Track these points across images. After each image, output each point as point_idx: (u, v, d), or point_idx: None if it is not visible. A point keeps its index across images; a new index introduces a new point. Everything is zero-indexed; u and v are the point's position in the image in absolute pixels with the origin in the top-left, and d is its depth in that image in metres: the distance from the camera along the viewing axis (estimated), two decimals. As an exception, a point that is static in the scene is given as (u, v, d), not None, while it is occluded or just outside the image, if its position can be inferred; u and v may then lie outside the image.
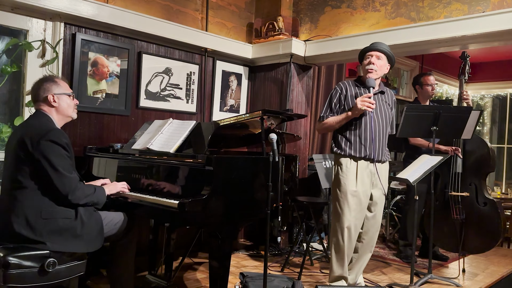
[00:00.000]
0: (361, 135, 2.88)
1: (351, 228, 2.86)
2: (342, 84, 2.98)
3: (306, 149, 4.55)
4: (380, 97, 2.96)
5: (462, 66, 3.89)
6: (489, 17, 3.16)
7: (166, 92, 3.93)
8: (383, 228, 5.18)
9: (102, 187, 2.45)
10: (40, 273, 2.06)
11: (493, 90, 7.71)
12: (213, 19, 4.30)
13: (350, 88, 2.95)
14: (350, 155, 2.88)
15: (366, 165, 2.88)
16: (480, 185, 3.70)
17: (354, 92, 2.93)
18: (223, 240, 2.41)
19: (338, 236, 2.89)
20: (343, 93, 2.94)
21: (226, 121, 2.85)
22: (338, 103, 2.95)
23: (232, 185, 2.47)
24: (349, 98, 2.91)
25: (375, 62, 2.88)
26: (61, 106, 2.35)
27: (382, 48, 2.91)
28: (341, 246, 2.88)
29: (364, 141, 2.87)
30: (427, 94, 4.02)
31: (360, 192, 2.86)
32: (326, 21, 4.26)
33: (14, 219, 2.11)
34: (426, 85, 4.00)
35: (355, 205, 2.86)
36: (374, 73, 2.87)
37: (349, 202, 2.85)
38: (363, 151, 2.86)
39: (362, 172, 2.88)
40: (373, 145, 2.85)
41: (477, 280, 3.57)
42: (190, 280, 3.31)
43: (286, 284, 2.81)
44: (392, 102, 3.04)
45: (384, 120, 2.93)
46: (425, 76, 4.06)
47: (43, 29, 3.19)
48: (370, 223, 2.97)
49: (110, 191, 2.51)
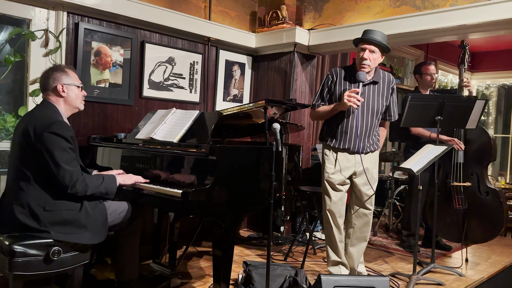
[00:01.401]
0: (347, 128, 2.90)
1: (334, 212, 2.99)
2: (334, 71, 2.97)
3: (310, 139, 4.54)
4: (372, 87, 2.91)
5: (461, 55, 3.85)
6: (496, 5, 3.12)
7: (169, 81, 3.92)
8: (386, 218, 5.19)
9: (113, 175, 2.41)
10: (45, 261, 2.09)
11: (498, 79, 7.65)
12: (216, 8, 4.27)
13: (340, 72, 2.94)
14: (330, 146, 2.97)
15: (347, 156, 2.95)
16: (481, 175, 3.70)
17: (343, 83, 2.91)
18: (227, 229, 2.42)
19: (325, 222, 3.05)
20: (334, 79, 2.95)
21: (229, 111, 2.84)
22: (328, 92, 2.98)
23: (235, 175, 2.48)
24: (337, 87, 2.93)
25: (368, 57, 2.80)
26: (70, 97, 2.34)
27: (377, 41, 2.80)
28: (329, 230, 3.03)
29: (349, 134, 2.90)
30: (426, 84, 4.00)
31: (336, 180, 2.96)
32: (330, 9, 4.22)
33: (19, 209, 2.13)
34: (426, 75, 3.98)
35: (333, 192, 2.97)
36: (367, 68, 2.83)
37: (327, 189, 2.98)
38: (346, 144, 2.92)
39: (343, 162, 2.95)
40: (358, 139, 2.87)
41: (479, 269, 3.58)
42: (194, 268, 3.34)
43: (289, 273, 2.83)
44: (389, 90, 2.96)
45: (371, 113, 2.91)
46: (424, 65, 4.04)
47: (46, 18, 3.18)
48: (360, 210, 3.05)
49: (124, 181, 2.45)
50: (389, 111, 3.03)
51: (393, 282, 3.14)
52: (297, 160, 3.34)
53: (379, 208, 5.12)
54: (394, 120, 3.10)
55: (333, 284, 2.33)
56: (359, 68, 2.85)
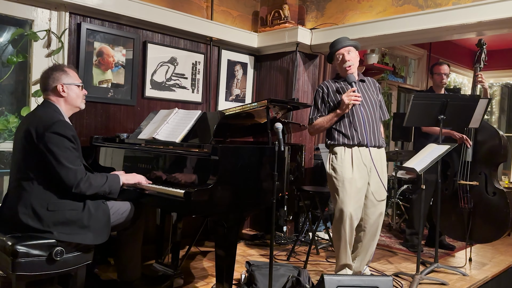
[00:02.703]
0: (354, 124, 2.91)
1: (353, 216, 2.86)
2: (322, 85, 3.07)
3: (312, 138, 4.53)
4: (362, 85, 3.03)
5: (478, 54, 3.79)
6: (499, 4, 3.10)
7: (171, 81, 3.92)
8: (390, 218, 5.18)
9: (117, 174, 2.42)
10: (48, 262, 2.09)
11: (502, 78, 7.61)
12: (218, 8, 4.27)
13: (330, 85, 3.04)
14: (343, 143, 2.92)
15: (361, 152, 2.91)
16: (490, 175, 3.67)
17: (335, 87, 3.00)
18: (229, 229, 2.42)
19: (340, 225, 2.89)
20: (325, 91, 3.02)
21: (231, 111, 2.83)
22: (322, 103, 3.03)
23: (238, 175, 2.47)
24: (332, 94, 3.00)
25: (349, 58, 2.95)
26: (70, 96, 2.34)
27: (348, 44, 2.98)
28: (343, 234, 2.88)
29: (357, 128, 2.90)
30: (436, 83, 4.01)
31: (357, 179, 2.88)
32: (333, 8, 4.21)
33: (22, 210, 2.13)
34: (436, 74, 3.99)
35: (353, 193, 2.86)
36: (353, 67, 2.96)
37: (347, 190, 2.86)
38: (356, 138, 2.90)
39: (358, 159, 2.90)
40: (365, 131, 2.88)
41: (484, 269, 3.57)
42: (196, 268, 3.33)
43: (292, 273, 2.82)
44: (376, 88, 3.11)
45: (371, 106, 2.98)
46: (436, 65, 4.05)
47: (48, 18, 3.18)
48: (370, 210, 2.97)
49: (127, 180, 2.46)
50: (382, 109, 3.11)
51: (397, 282, 3.13)
52: (300, 159, 3.33)
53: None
54: (387, 119, 3.17)
55: (336, 284, 2.32)
56: (345, 72, 2.97)
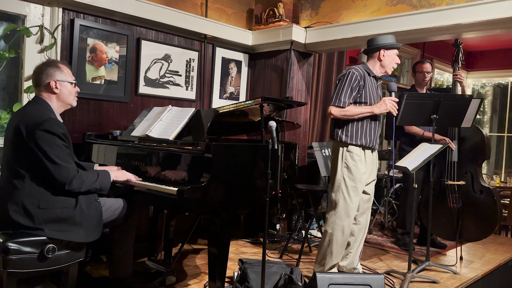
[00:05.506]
0: (375, 127, 2.93)
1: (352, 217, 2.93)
2: (360, 71, 2.85)
3: (306, 137, 4.55)
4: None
5: (455, 54, 3.87)
6: (491, 4, 3.13)
7: (165, 79, 3.91)
8: (382, 216, 5.21)
9: (107, 171, 2.41)
10: (39, 259, 2.08)
11: (494, 78, 7.69)
12: (213, 5, 4.25)
13: (366, 78, 2.87)
14: (361, 144, 2.89)
15: (369, 154, 2.96)
16: (476, 173, 3.72)
17: (370, 85, 2.91)
18: (222, 226, 2.42)
19: (343, 222, 2.88)
20: (361, 82, 2.83)
21: (225, 108, 2.83)
22: (357, 93, 2.84)
23: (231, 173, 2.47)
24: (368, 89, 2.87)
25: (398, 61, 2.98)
26: (62, 93, 2.31)
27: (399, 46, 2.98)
28: (345, 235, 2.91)
29: (373, 132, 2.93)
30: (419, 81, 4.04)
31: (365, 181, 2.95)
32: (327, 7, 4.22)
33: (12, 208, 2.11)
34: (418, 72, 4.03)
35: (360, 193, 2.93)
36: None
37: (358, 191, 2.90)
38: (371, 142, 2.92)
39: (368, 161, 2.95)
40: (376, 136, 2.95)
41: (474, 267, 3.60)
42: (189, 266, 3.33)
43: (285, 271, 2.83)
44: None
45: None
46: (418, 64, 4.08)
47: (41, 14, 3.16)
48: (366, 205, 3.05)
49: (117, 177, 2.46)
50: None
51: (388, 280, 3.16)
52: (293, 158, 3.34)
53: (374, 206, 5.12)
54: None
55: (328, 282, 2.33)
56: (390, 71, 2.97)
